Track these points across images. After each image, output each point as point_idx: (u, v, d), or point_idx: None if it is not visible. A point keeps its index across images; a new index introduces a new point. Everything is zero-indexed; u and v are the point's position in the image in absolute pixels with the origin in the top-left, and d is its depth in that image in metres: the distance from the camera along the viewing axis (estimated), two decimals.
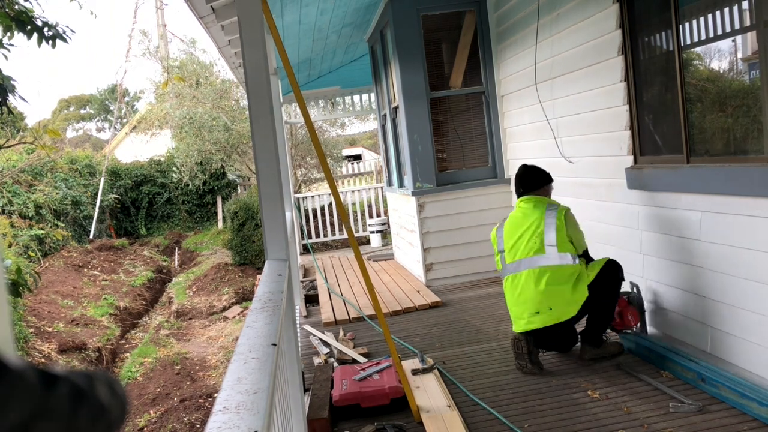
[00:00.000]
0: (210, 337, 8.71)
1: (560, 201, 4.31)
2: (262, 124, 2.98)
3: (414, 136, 6.48)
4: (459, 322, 5.18)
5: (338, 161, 17.10)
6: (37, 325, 8.05)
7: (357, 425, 3.39)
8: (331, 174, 3.60)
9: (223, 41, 5.88)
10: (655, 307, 4.12)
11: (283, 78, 8.60)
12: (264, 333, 1.83)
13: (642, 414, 3.13)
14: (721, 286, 3.38)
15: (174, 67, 15.41)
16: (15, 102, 5.36)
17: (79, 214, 14.53)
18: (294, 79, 3.34)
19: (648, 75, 4.01)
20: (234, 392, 1.35)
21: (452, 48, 6.77)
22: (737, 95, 3.52)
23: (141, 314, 10.53)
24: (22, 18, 4.83)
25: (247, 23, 2.99)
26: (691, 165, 3.58)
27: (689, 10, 3.62)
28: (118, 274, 11.90)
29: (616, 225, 4.47)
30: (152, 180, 17.53)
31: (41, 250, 11.47)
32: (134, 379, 7.00)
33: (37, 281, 8.29)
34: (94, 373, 0.60)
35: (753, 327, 3.16)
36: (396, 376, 3.67)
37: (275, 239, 3.03)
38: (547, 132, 5.34)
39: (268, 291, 2.41)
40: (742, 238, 3.18)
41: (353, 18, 7.34)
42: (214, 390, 6.34)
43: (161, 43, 19.10)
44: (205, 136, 14.21)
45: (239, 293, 10.25)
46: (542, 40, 5.25)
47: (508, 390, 3.64)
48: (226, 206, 14.80)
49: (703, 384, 3.32)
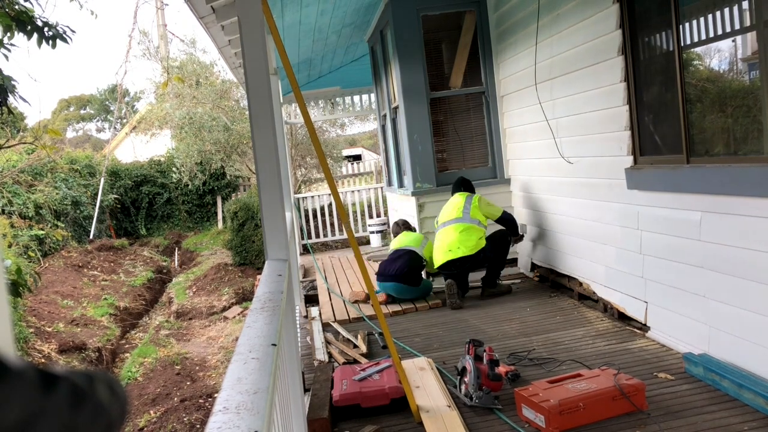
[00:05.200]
0: (210, 337, 8.71)
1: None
2: (262, 124, 2.98)
3: (414, 137, 6.48)
4: (459, 322, 5.18)
5: (338, 161, 17.10)
6: (37, 325, 8.05)
7: (357, 425, 3.39)
8: (331, 174, 3.60)
9: (223, 41, 5.88)
10: (655, 307, 4.13)
11: (283, 78, 8.60)
12: (264, 333, 1.83)
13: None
14: (721, 286, 3.38)
15: (174, 68, 15.39)
16: (15, 102, 5.36)
17: (79, 214, 14.52)
18: (294, 79, 3.34)
19: (648, 75, 4.01)
20: (234, 392, 1.35)
21: (452, 48, 6.77)
22: (737, 95, 3.52)
23: (141, 314, 10.53)
24: (22, 18, 4.83)
25: (247, 23, 2.99)
26: (691, 165, 3.58)
27: (689, 10, 3.62)
28: (118, 274, 11.90)
29: (616, 225, 4.47)
30: (152, 180, 17.53)
31: (41, 250, 11.47)
32: (134, 379, 7.00)
33: (37, 281, 8.30)
34: (94, 373, 0.60)
35: (753, 327, 3.16)
36: (396, 376, 3.67)
37: (275, 239, 3.03)
38: (547, 132, 5.34)
39: (268, 291, 2.41)
40: (742, 238, 3.18)
41: (353, 18, 7.35)
42: (214, 390, 6.34)
43: (161, 44, 19.09)
44: (204, 136, 14.20)
45: (239, 293, 10.25)
46: (542, 40, 5.25)
47: (507, 389, 3.64)
48: (226, 206, 14.80)
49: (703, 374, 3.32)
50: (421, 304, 5.74)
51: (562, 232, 5.49)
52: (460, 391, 3.60)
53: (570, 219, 5.29)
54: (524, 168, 6.20)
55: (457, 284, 5.63)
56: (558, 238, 5.58)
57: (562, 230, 5.47)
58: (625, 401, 3.12)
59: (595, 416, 3.08)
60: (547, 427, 3.02)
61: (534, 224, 6.09)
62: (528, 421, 3.18)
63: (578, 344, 4.28)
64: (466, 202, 5.77)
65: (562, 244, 5.51)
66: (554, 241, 5.67)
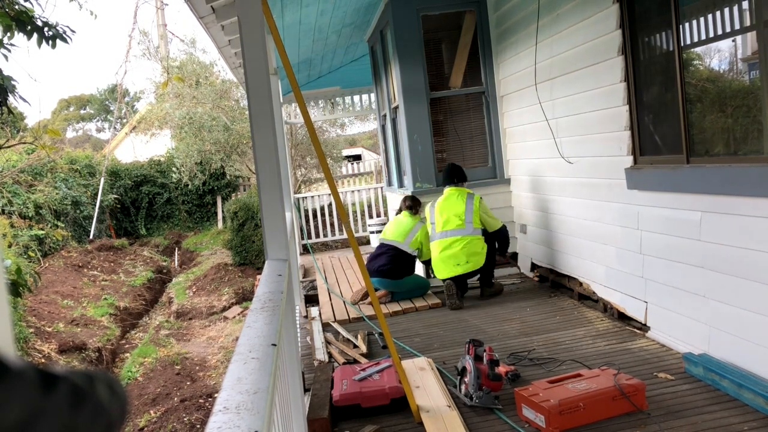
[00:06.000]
0: (210, 337, 8.71)
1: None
2: (262, 124, 2.98)
3: (414, 136, 6.48)
4: (459, 322, 5.18)
5: (338, 161, 17.10)
6: (37, 325, 8.05)
7: (357, 425, 3.39)
8: (330, 174, 3.60)
9: (223, 41, 5.87)
10: (655, 307, 4.13)
11: (283, 78, 8.60)
12: (264, 333, 1.83)
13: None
14: (721, 286, 3.38)
15: (174, 68, 15.39)
16: (15, 102, 5.36)
17: (79, 214, 14.52)
18: (294, 79, 3.34)
19: (648, 75, 4.01)
20: (234, 392, 1.35)
21: (452, 48, 6.77)
22: (737, 95, 3.52)
23: (141, 314, 10.53)
24: (22, 18, 4.83)
25: (247, 23, 2.99)
26: (691, 165, 3.58)
27: (689, 10, 3.62)
28: (118, 274, 11.90)
29: (616, 225, 4.47)
30: (152, 180, 17.53)
31: (41, 250, 11.47)
32: (134, 379, 7.00)
33: (37, 281, 8.30)
34: (94, 373, 0.60)
35: (753, 327, 3.16)
36: (396, 376, 3.67)
37: (275, 239, 3.03)
38: (547, 132, 5.34)
39: (268, 291, 2.41)
40: (742, 238, 3.18)
41: (353, 18, 7.35)
42: (214, 390, 6.34)
43: (161, 43, 19.08)
44: (204, 136, 14.20)
45: (239, 293, 10.25)
46: (542, 40, 5.25)
47: (507, 389, 3.64)
48: (226, 206, 14.80)
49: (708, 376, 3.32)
50: (421, 304, 5.74)
51: (562, 232, 5.49)
52: (460, 391, 3.60)
53: (570, 219, 5.29)
54: (524, 168, 6.20)
55: (456, 285, 5.65)
56: (558, 238, 5.58)
57: (562, 230, 5.47)
58: (625, 401, 3.12)
59: (595, 416, 3.08)
60: (547, 427, 3.02)
61: (534, 224, 6.09)
62: (528, 421, 3.18)
63: (578, 344, 4.28)
64: (467, 209, 5.63)
65: (562, 244, 5.51)
66: (554, 241, 5.67)
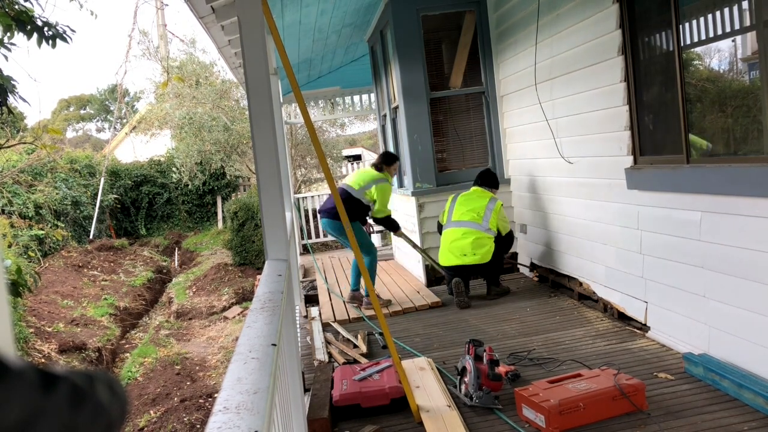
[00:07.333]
0: (210, 337, 8.71)
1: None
2: (262, 124, 2.98)
3: (414, 136, 6.48)
4: (459, 322, 5.18)
5: (338, 161, 17.11)
6: (37, 325, 8.05)
7: (357, 425, 3.39)
8: (330, 174, 3.60)
9: (223, 41, 5.87)
10: (654, 307, 4.13)
11: (283, 78, 8.60)
12: (264, 333, 1.83)
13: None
14: (721, 286, 3.38)
15: (174, 68, 15.40)
16: (15, 102, 5.36)
17: (79, 214, 14.52)
18: (294, 79, 3.34)
19: (648, 75, 4.01)
20: (234, 392, 1.35)
21: (452, 48, 6.77)
22: (737, 95, 3.52)
23: (141, 314, 10.53)
24: (22, 18, 4.83)
25: (247, 23, 2.99)
26: (691, 165, 3.58)
27: (689, 10, 3.62)
28: (118, 274, 11.90)
29: (616, 225, 4.47)
30: (152, 180, 17.53)
31: (41, 250, 11.47)
32: (134, 379, 7.00)
33: (37, 281, 8.29)
34: (94, 373, 0.60)
35: (753, 327, 3.16)
36: (396, 376, 3.66)
37: (275, 239, 3.03)
38: (547, 132, 5.34)
39: (267, 291, 2.41)
40: (742, 238, 3.18)
41: (353, 18, 7.35)
42: (214, 390, 6.34)
43: (161, 44, 19.08)
44: (204, 136, 14.21)
45: (239, 293, 10.25)
46: (542, 40, 5.25)
47: (507, 389, 3.64)
48: (226, 206, 14.80)
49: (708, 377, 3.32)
50: (421, 304, 5.74)
51: (562, 232, 5.49)
52: (460, 391, 3.60)
53: (570, 219, 5.29)
54: (524, 168, 6.20)
55: (463, 280, 5.66)
56: (558, 238, 5.58)
57: (562, 230, 5.47)
58: (625, 401, 3.12)
59: (595, 416, 3.08)
60: (547, 426, 3.02)
61: (534, 224, 6.09)
62: (528, 421, 3.18)
63: (578, 344, 4.28)
64: (488, 208, 5.68)
65: (562, 244, 5.51)
66: (554, 241, 5.67)
